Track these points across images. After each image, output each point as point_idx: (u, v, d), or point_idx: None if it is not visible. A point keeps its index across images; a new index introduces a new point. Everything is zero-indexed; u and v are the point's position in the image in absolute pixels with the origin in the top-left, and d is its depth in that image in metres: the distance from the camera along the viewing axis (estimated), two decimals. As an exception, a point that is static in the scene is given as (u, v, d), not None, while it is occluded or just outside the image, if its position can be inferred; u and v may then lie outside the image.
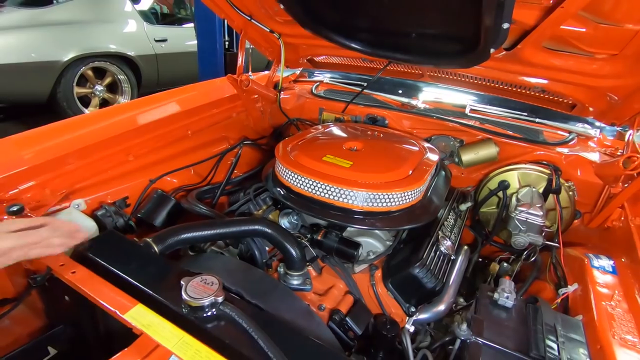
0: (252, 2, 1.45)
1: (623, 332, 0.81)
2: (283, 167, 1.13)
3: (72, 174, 1.18)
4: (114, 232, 0.93)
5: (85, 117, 1.46)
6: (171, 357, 0.64)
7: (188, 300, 0.68)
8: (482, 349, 0.69)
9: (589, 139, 1.54)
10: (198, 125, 1.61)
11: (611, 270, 1.02)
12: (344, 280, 1.13)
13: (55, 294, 0.94)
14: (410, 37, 1.26)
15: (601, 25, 0.94)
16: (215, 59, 3.39)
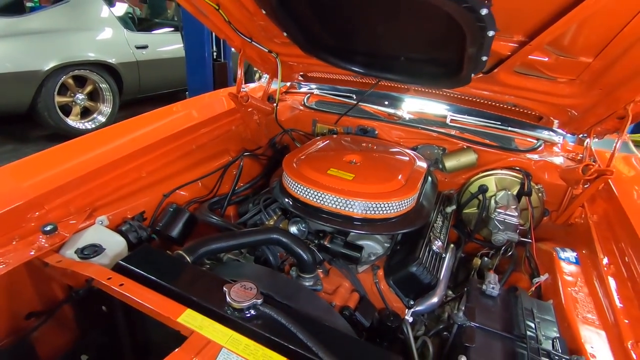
0: (252, 25, 1.56)
1: (585, 311, 1.00)
2: (293, 180, 1.26)
3: (92, 192, 1.26)
4: (149, 246, 1.03)
5: (97, 136, 1.52)
6: (220, 352, 0.76)
7: (232, 304, 0.80)
8: (476, 331, 0.85)
9: (554, 145, 1.75)
10: (201, 139, 1.70)
11: (574, 261, 1.21)
12: (350, 279, 1.27)
13: (91, 304, 1.03)
14: (399, 60, 1.41)
15: (561, 57, 1.12)
16: (204, 70, 3.45)
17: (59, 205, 1.17)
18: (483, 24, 0.88)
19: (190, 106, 1.93)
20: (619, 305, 0.97)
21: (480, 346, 0.81)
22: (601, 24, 0.92)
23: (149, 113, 1.79)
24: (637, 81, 1.05)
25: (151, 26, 5.18)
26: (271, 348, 0.74)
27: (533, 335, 0.83)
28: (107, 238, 1.12)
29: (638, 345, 0.85)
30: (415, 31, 1.22)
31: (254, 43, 1.64)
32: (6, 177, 1.21)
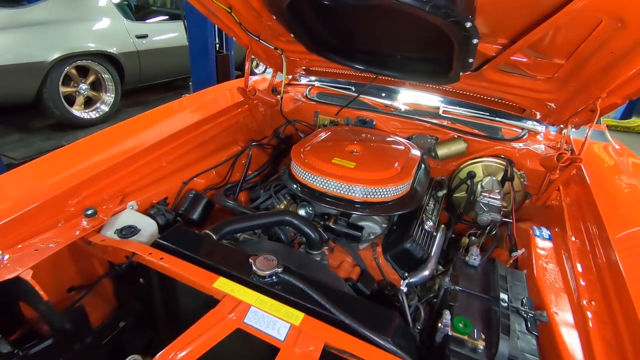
0: (260, 25, 1.68)
1: (552, 278, 1.17)
2: (301, 168, 1.41)
3: (122, 181, 1.40)
4: (181, 226, 1.18)
5: (119, 129, 1.64)
6: (250, 310, 0.92)
7: (258, 272, 0.96)
8: (458, 293, 1.02)
9: (537, 134, 1.92)
10: (213, 131, 1.84)
11: (548, 237, 1.39)
12: (352, 255, 1.44)
13: (130, 277, 1.19)
14: (396, 58, 1.55)
15: (538, 59, 1.27)
16: (207, 61, 3.54)
17: (94, 192, 1.32)
18: (468, 34, 1.02)
19: (201, 100, 2.06)
20: (580, 274, 1.14)
21: (462, 304, 0.99)
22: (571, 32, 1.07)
23: (164, 106, 1.93)
24: (603, 80, 1.21)
25: (148, 14, 5.21)
26: (291, 306, 0.91)
27: (505, 295, 1.00)
28: (139, 220, 1.27)
29: (591, 302, 1.03)
30: (410, 34, 1.36)
31: (261, 41, 1.76)
32: (46, 167, 1.36)
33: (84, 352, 1.13)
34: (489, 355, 0.85)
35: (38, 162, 1.38)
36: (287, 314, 0.89)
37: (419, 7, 0.94)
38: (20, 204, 1.14)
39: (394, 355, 0.82)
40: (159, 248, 1.09)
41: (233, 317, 0.91)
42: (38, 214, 1.16)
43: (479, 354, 0.85)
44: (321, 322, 0.88)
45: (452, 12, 0.94)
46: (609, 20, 0.94)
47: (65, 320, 1.05)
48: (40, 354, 0.99)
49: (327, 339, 0.85)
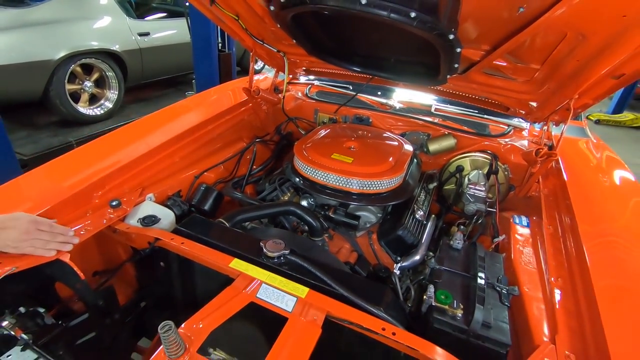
0: (264, 30, 1.81)
1: (526, 260, 1.33)
2: (303, 163, 1.55)
3: (140, 175, 1.54)
4: (198, 215, 1.32)
5: (133, 128, 1.77)
6: (261, 286, 1.07)
7: (268, 254, 1.11)
8: (443, 272, 1.17)
9: (522, 130, 2.07)
10: (220, 128, 1.98)
11: (526, 225, 1.54)
12: (350, 242, 1.59)
13: (151, 261, 1.33)
14: (390, 61, 1.69)
15: (517, 63, 1.41)
16: (210, 60, 3.66)
17: (117, 185, 1.45)
18: (451, 44, 1.16)
19: (207, 99, 2.20)
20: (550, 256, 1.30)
21: (445, 281, 1.14)
22: (543, 41, 1.21)
23: (173, 105, 2.06)
24: (574, 83, 1.35)
25: (148, 11, 5.29)
26: (298, 283, 1.06)
27: (482, 273, 1.15)
28: (159, 211, 1.41)
29: (558, 279, 1.18)
30: (401, 41, 1.49)
31: (265, 44, 1.89)
32: (71, 163, 1.49)
33: (112, 326, 1.27)
34: (466, 322, 1.00)
35: (64, 158, 1.52)
36: (294, 289, 1.04)
37: (407, 23, 1.07)
38: (53, 197, 1.28)
39: (385, 322, 0.97)
40: (179, 234, 1.23)
41: (247, 292, 1.05)
42: (69, 204, 1.30)
43: (457, 320, 1.00)
44: (323, 295, 1.03)
45: (436, 26, 1.08)
46: (572, 34, 1.08)
47: (99, 298, 1.19)
48: (77, 326, 1.14)
49: (328, 310, 1.00)
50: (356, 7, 1.06)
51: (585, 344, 0.96)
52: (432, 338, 0.96)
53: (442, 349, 0.90)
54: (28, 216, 1.08)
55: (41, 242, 1.06)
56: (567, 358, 0.93)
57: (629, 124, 6.67)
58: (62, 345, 1.08)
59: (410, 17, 1.04)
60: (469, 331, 0.99)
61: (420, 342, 0.92)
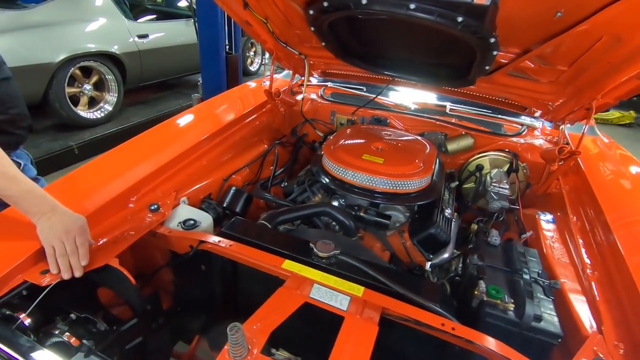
0: (289, 33, 1.83)
1: (559, 255, 1.38)
2: (335, 164, 1.57)
3: (172, 179, 1.53)
4: (240, 218, 1.33)
5: (159, 132, 1.75)
6: (313, 286, 1.08)
7: (319, 254, 1.13)
8: (486, 268, 1.21)
9: (534, 129, 2.13)
10: (243, 131, 1.98)
11: (551, 221, 1.59)
12: (381, 241, 1.62)
13: (192, 265, 1.33)
14: (418, 64, 1.73)
15: (544, 65, 1.47)
16: (218, 62, 3.64)
17: (150, 189, 1.45)
18: (490, 47, 1.20)
19: (227, 102, 2.20)
20: (582, 249, 1.35)
21: (489, 277, 1.17)
22: (576, 44, 1.26)
23: (194, 109, 2.05)
24: (600, 84, 1.41)
25: (144, 13, 5.22)
26: (351, 281, 1.08)
27: (524, 269, 1.20)
28: (196, 214, 1.41)
29: (594, 272, 1.23)
30: (431, 44, 1.53)
31: (288, 47, 1.90)
32: (105, 167, 1.48)
33: (157, 331, 1.27)
34: (519, 315, 1.03)
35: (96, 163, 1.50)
36: (350, 288, 1.06)
37: (451, 26, 1.11)
38: (92, 202, 1.26)
39: (444, 317, 1.00)
40: (226, 237, 1.24)
41: (300, 292, 1.07)
42: (108, 210, 1.29)
43: (509, 314, 1.04)
44: (379, 293, 1.05)
45: (480, 30, 1.12)
46: (608, 38, 1.13)
47: (147, 303, 1.19)
48: (128, 331, 1.13)
49: (384, 307, 1.02)
50: (404, 11, 1.09)
51: (631, 333, 1.01)
52: (483, 332, 0.99)
53: (502, 343, 0.94)
54: (83, 225, 1.08)
55: (60, 250, 1.02)
56: (617, 347, 0.98)
57: (616, 122, 6.89)
58: (116, 350, 1.07)
59: (457, 21, 1.08)
60: (521, 324, 1.03)
61: (479, 336, 0.96)
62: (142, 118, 4.71)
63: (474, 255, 1.24)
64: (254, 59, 7.43)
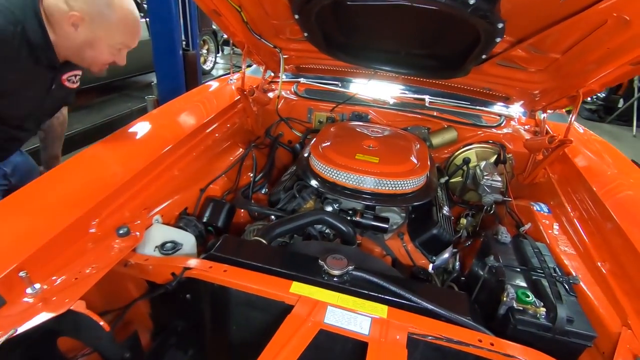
0: (263, 24, 1.65)
1: (563, 247, 1.34)
2: (328, 166, 1.43)
3: (139, 195, 1.30)
4: (230, 235, 1.14)
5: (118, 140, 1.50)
6: (327, 310, 0.94)
7: (331, 272, 0.98)
8: (503, 269, 1.14)
9: (512, 120, 2.13)
10: (214, 134, 1.78)
11: (547, 211, 1.57)
12: (381, 246, 1.51)
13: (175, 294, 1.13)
14: (408, 55, 1.63)
15: (536, 53, 1.43)
16: (174, 60, 3.30)
17: (115, 209, 1.21)
18: (495, 33, 1.12)
19: (192, 103, 1.97)
20: (586, 238, 1.33)
21: (512, 279, 1.10)
22: (575, 30, 1.22)
23: (154, 112, 1.81)
24: (592, 71, 1.39)
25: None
26: (371, 300, 0.95)
27: (545, 266, 1.14)
28: (175, 234, 1.21)
29: (605, 263, 1.20)
30: (423, 34, 1.44)
31: (262, 40, 1.73)
32: (54, 187, 1.22)
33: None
34: (551, 319, 0.96)
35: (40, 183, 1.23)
36: (371, 308, 0.93)
37: (462, 10, 1.01)
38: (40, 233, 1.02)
39: (478, 332, 0.90)
40: (216, 260, 1.05)
41: (313, 319, 0.92)
42: (63, 240, 1.05)
43: (541, 319, 0.97)
44: (403, 311, 0.93)
45: (490, 14, 1.03)
46: (613, 21, 1.09)
47: (124, 350, 0.97)
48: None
49: (411, 326, 0.91)
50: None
51: (659, 324, 0.98)
52: (514, 339, 0.91)
53: (545, 354, 0.86)
54: None
55: None
56: None
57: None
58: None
59: (468, 4, 0.98)
60: (554, 329, 0.96)
61: (521, 350, 0.87)
62: (87, 125, 4.23)
63: (490, 257, 1.16)
64: (207, 56, 7.04)
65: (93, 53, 1.35)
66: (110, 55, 1.38)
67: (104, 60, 1.40)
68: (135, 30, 1.38)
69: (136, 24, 1.37)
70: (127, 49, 1.41)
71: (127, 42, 1.38)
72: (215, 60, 7.19)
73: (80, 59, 1.39)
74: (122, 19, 1.31)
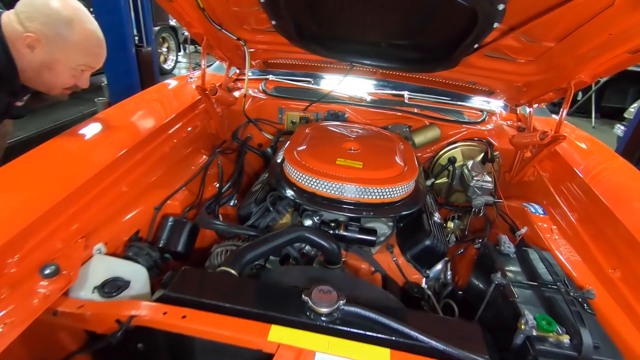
0: (223, 12, 1.43)
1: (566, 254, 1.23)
2: (305, 175, 1.24)
3: (75, 219, 1.06)
4: (190, 268, 0.92)
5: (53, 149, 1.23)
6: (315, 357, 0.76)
7: (318, 310, 0.79)
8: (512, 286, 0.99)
9: (493, 115, 2.03)
10: (172, 140, 1.54)
11: (542, 212, 1.46)
12: (368, 261, 1.34)
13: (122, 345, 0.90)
14: (389, 47, 1.47)
15: (528, 42, 1.30)
16: (125, 57, 2.94)
17: (42, 240, 0.96)
18: (494, 16, 0.98)
19: (145, 105, 1.71)
20: (590, 243, 1.22)
21: (521, 298, 0.96)
22: (575, 15, 1.10)
23: (101, 115, 1.54)
24: (584, 62, 1.29)
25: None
26: (369, 342, 0.77)
27: (556, 280, 1.01)
28: (120, 268, 0.98)
29: (615, 270, 1.09)
30: (407, 22, 1.28)
31: (223, 30, 1.50)
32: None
33: None
34: (576, 347, 0.83)
35: None
36: (371, 354, 0.75)
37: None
38: None
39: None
40: (173, 302, 0.84)
41: (299, 371, 0.73)
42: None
43: (566, 347, 0.83)
44: (410, 355, 0.76)
45: (492, -6, 0.88)
46: (621, 2, 0.97)
47: None
48: None
49: (419, 373, 0.74)
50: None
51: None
52: None
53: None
54: None
55: None
56: None
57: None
58: None
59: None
60: (581, 358, 0.82)
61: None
62: (30, 132, 3.79)
63: (497, 273, 1.02)
64: (168, 55, 6.62)
65: (51, 76, 1.24)
66: (71, 78, 1.27)
67: (64, 84, 1.29)
68: (98, 51, 1.27)
69: (99, 44, 1.27)
70: (91, 70, 1.31)
71: (89, 63, 1.27)
72: (177, 59, 6.78)
73: (39, 83, 1.27)
74: (84, 39, 1.21)
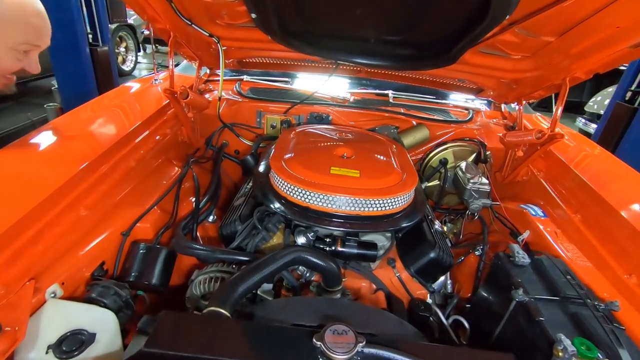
0: (192, 5, 1.26)
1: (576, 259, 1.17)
2: (298, 187, 1.10)
3: (22, 255, 0.86)
4: (170, 312, 0.75)
5: None
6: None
7: (335, 357, 0.66)
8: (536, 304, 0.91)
9: (479, 113, 1.98)
10: (138, 151, 1.34)
11: (543, 214, 1.41)
12: (368, 278, 1.22)
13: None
14: (369, 42, 1.35)
15: (527, 37, 1.23)
16: (78, 56, 2.62)
17: (-23, 288, 0.77)
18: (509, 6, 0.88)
19: (104, 111, 1.50)
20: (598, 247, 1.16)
21: (548, 316, 0.87)
22: (581, 9, 1.03)
23: (52, 124, 1.31)
24: (583, 57, 1.23)
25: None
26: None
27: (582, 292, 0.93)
28: (82, 316, 0.79)
29: (631, 276, 1.04)
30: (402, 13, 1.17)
31: (193, 26, 1.33)
32: None
33: None
34: (617, 373, 0.75)
35: None
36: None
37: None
38: None
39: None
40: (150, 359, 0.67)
41: None
42: None
43: (607, 375, 0.75)
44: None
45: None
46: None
47: None
48: None
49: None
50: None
51: None
52: None
53: None
54: None
55: None
56: None
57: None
58: None
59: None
60: (625, 385, 0.74)
61: None
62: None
63: (518, 290, 0.92)
64: (126, 55, 6.20)
65: None
66: (13, 61, 1.05)
67: (6, 69, 1.06)
68: (38, 22, 1.04)
69: (38, 14, 1.03)
70: (37, 50, 1.08)
71: (31, 40, 1.05)
72: (137, 60, 6.38)
73: None
74: (18, 11, 0.99)
